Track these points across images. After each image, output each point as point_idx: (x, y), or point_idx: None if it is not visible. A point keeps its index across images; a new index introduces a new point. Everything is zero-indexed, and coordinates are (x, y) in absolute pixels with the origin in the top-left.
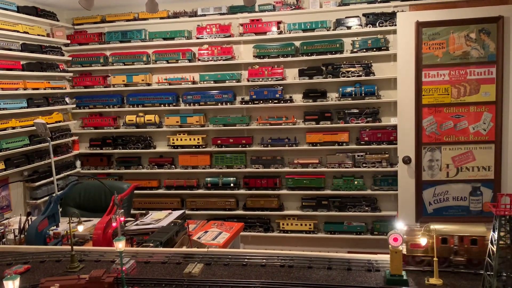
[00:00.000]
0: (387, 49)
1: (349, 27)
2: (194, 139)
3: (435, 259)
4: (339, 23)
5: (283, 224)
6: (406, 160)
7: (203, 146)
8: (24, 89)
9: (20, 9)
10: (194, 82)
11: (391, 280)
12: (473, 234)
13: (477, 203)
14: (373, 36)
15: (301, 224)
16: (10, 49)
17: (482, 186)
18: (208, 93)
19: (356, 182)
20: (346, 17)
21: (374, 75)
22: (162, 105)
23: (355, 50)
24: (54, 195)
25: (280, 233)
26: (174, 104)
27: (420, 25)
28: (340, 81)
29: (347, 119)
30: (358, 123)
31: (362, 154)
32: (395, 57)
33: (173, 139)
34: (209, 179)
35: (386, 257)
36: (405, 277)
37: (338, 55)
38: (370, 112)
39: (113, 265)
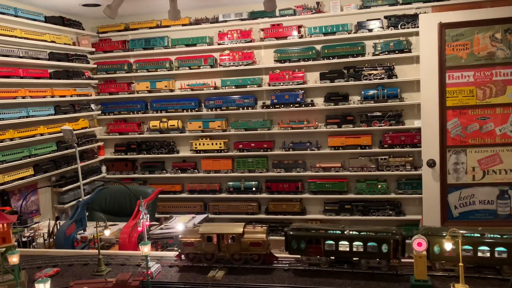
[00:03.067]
0: (409, 51)
1: (370, 30)
2: (216, 144)
3: (460, 264)
4: (360, 26)
5: None
6: (431, 163)
7: (225, 151)
8: (52, 97)
9: (47, 19)
10: (215, 88)
11: (415, 286)
12: (231, 232)
13: (505, 206)
14: (395, 39)
15: None
16: (38, 58)
17: (510, 189)
18: (230, 98)
19: (379, 186)
20: (368, 20)
21: (396, 78)
22: (184, 111)
23: (377, 52)
24: (81, 200)
25: None
26: (196, 109)
27: (443, 27)
28: (362, 84)
29: (369, 122)
30: (381, 126)
31: (385, 157)
32: (418, 59)
33: (195, 144)
34: (231, 183)
35: (410, 261)
36: (429, 283)
37: (359, 58)
38: (393, 114)
39: (138, 268)
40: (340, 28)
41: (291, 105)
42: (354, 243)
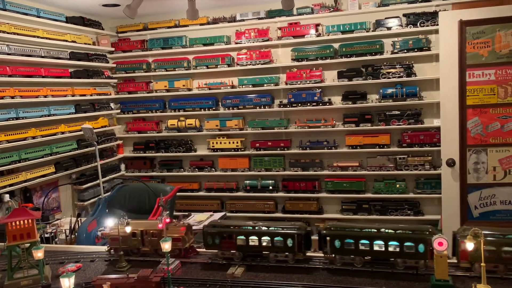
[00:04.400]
0: (429, 49)
1: (389, 28)
2: (233, 143)
3: (482, 264)
4: (378, 24)
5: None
6: (450, 163)
7: (242, 149)
8: (72, 96)
9: (68, 20)
10: (233, 87)
11: (436, 286)
12: (152, 228)
13: None
14: (414, 37)
15: None
16: (59, 58)
17: None
18: (247, 97)
19: (398, 185)
20: (386, 18)
21: (415, 76)
22: (202, 110)
23: (395, 51)
24: (101, 197)
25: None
26: (213, 108)
27: (463, 24)
28: (381, 83)
29: (388, 121)
30: (400, 125)
31: (404, 156)
32: (437, 57)
33: (213, 143)
34: (248, 181)
35: (431, 261)
36: (451, 283)
37: (378, 56)
38: (412, 113)
39: (159, 265)
40: (358, 26)
41: (308, 104)
42: (263, 238)
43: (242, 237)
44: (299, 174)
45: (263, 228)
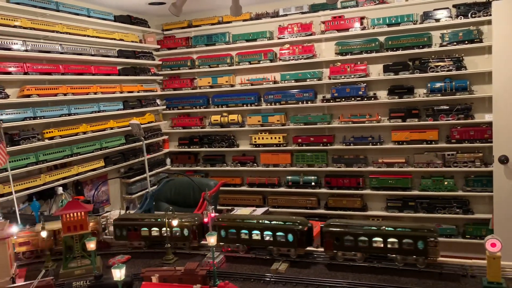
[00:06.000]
0: (480, 41)
1: (437, 20)
2: (275, 138)
3: None
4: (426, 16)
5: None
6: (503, 160)
7: (284, 145)
8: (120, 92)
9: (116, 18)
10: (275, 82)
11: None
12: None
13: None
14: (465, 28)
15: None
16: (108, 56)
17: None
18: (289, 92)
19: (446, 183)
20: (434, 9)
21: (466, 69)
22: (244, 105)
23: (444, 43)
24: (148, 190)
25: None
26: (256, 104)
27: None
28: (428, 77)
29: (436, 116)
30: (449, 120)
31: (452, 153)
32: (489, 49)
33: (255, 138)
34: (290, 177)
35: (482, 262)
36: (504, 285)
37: (426, 49)
38: (462, 108)
39: (204, 258)
40: (405, 18)
41: (353, 99)
42: (163, 229)
43: (146, 228)
44: (342, 170)
45: (165, 219)
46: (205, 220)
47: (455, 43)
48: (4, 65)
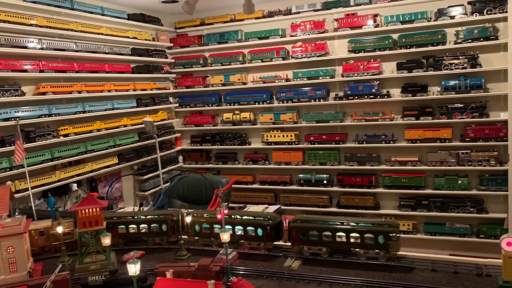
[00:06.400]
0: (496, 38)
1: (452, 17)
2: (287, 136)
3: None
4: (441, 13)
5: None
6: None
7: (296, 143)
8: (134, 90)
9: (129, 17)
10: (287, 80)
11: (504, 287)
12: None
13: None
14: (480, 25)
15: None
16: (122, 54)
17: None
18: (301, 90)
19: (460, 182)
20: (449, 6)
21: (481, 67)
22: (256, 103)
23: (459, 40)
24: (161, 187)
25: None
26: (268, 101)
27: None
28: (443, 74)
29: (450, 114)
30: (463, 118)
31: (467, 151)
32: (505, 46)
33: (267, 136)
34: (302, 175)
35: (498, 262)
36: None
37: (440, 47)
38: (477, 106)
39: (217, 255)
40: (419, 15)
41: (366, 97)
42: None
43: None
44: (355, 168)
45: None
46: (219, 216)
47: (470, 41)
48: (21, 63)
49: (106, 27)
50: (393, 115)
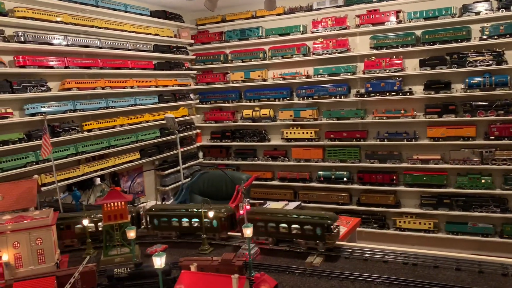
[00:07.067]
0: None
1: (477, 13)
2: (307, 133)
3: None
4: (465, 9)
5: (399, 221)
6: None
7: (316, 140)
8: (156, 87)
9: (152, 13)
10: (308, 76)
11: None
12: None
13: None
14: (507, 21)
15: (420, 223)
16: (144, 50)
17: None
18: (322, 87)
19: (483, 181)
20: (474, 2)
21: (506, 64)
22: (276, 100)
23: (484, 37)
24: (183, 183)
25: (396, 231)
26: (288, 98)
27: None
28: (467, 71)
29: (474, 112)
30: (487, 116)
31: (491, 150)
32: None
33: (286, 133)
34: (321, 172)
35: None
36: None
37: (464, 44)
38: (502, 104)
39: (239, 250)
40: (443, 12)
41: (387, 94)
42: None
43: None
44: (375, 166)
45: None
46: (241, 212)
47: (495, 37)
48: (47, 59)
49: (129, 24)
50: (415, 112)
